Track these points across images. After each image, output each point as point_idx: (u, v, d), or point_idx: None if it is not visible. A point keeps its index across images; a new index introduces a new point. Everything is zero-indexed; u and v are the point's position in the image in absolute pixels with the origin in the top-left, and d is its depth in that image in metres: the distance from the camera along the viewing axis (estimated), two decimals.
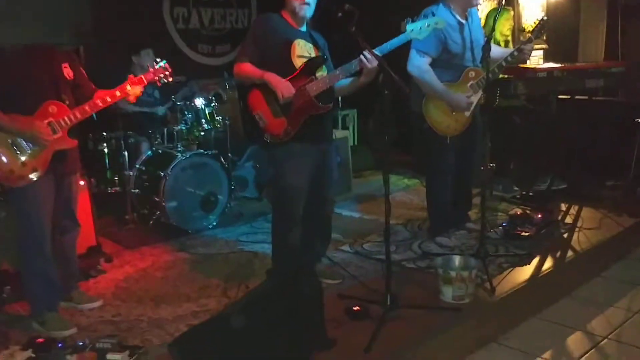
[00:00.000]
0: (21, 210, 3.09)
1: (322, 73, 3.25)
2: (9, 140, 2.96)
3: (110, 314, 3.34)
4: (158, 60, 3.42)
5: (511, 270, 3.71)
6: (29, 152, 3.00)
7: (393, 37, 3.15)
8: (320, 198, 3.44)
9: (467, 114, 4.00)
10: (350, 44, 3.02)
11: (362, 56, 3.02)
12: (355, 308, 3.14)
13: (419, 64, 3.87)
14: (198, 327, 2.74)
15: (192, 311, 3.33)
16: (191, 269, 3.98)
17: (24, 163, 2.98)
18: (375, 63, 3.01)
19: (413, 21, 3.17)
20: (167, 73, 3.41)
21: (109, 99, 3.18)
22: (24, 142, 2.99)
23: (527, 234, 4.17)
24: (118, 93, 3.23)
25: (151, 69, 3.37)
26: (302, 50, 3.24)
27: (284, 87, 3.08)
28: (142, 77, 3.31)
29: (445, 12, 3.91)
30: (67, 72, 3.16)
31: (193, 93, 5.52)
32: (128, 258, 4.22)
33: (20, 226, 3.11)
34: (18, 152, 2.97)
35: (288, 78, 3.13)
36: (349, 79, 3.29)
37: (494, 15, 4.62)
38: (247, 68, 3.15)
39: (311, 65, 3.20)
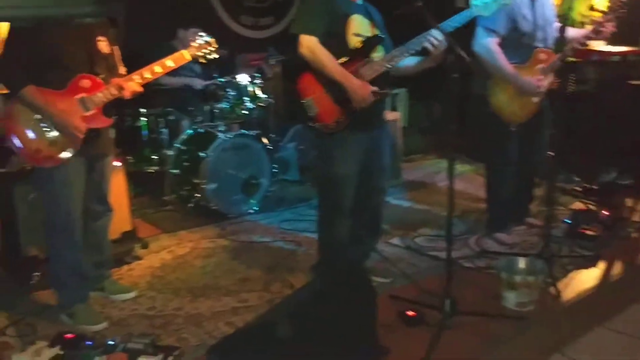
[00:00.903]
0: (49, 193, 2.86)
1: (378, 54, 2.93)
2: (37, 116, 2.72)
3: (145, 306, 3.13)
4: (202, 34, 3.14)
5: (577, 274, 3.41)
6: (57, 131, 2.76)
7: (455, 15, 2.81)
8: (370, 187, 3.14)
9: (535, 100, 3.64)
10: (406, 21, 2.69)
11: (431, 37, 2.68)
12: (409, 313, 2.88)
13: (486, 43, 3.51)
14: (239, 333, 2.50)
15: (231, 307, 3.09)
16: (231, 258, 3.75)
17: (52, 141, 2.75)
18: (444, 45, 2.69)
19: None
20: (211, 49, 3.14)
21: (146, 74, 2.92)
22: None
23: (593, 232, 3.83)
24: (158, 68, 2.96)
25: (194, 44, 3.10)
26: (359, 27, 2.90)
27: (363, 99, 2.78)
28: (184, 52, 3.04)
29: None
30: (103, 45, 2.90)
31: (235, 68, 5.25)
32: (165, 243, 4.01)
33: (47, 210, 2.89)
34: (47, 129, 2.74)
35: (341, 61, 2.81)
36: (415, 59, 2.95)
37: None
38: (325, 58, 2.78)
39: (367, 46, 2.88)
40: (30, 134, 2.74)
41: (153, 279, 3.47)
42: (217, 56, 3.18)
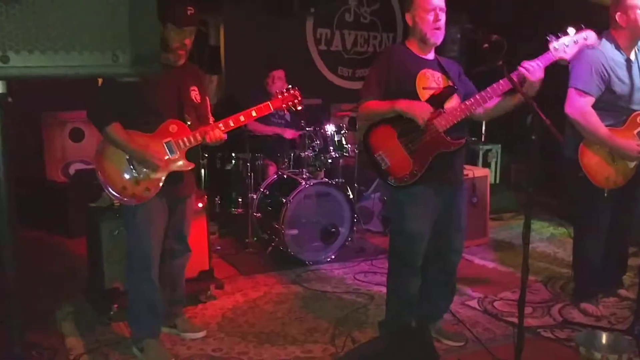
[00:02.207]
0: (131, 230, 3.01)
1: (452, 104, 2.89)
2: (127, 157, 2.90)
3: (212, 347, 3.18)
4: (289, 86, 3.25)
5: None
6: (144, 170, 2.91)
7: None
8: (444, 247, 3.06)
9: (632, 165, 3.42)
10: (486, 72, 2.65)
11: (524, 67, 2.66)
12: None
13: (580, 105, 3.36)
14: None
15: (294, 357, 3.07)
16: (302, 306, 3.74)
17: (137, 181, 2.90)
18: (541, 72, 2.66)
19: (557, 37, 2.75)
20: (296, 101, 3.23)
21: (231, 123, 3.05)
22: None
23: None
24: (242, 118, 3.08)
25: (279, 96, 3.20)
26: (429, 80, 2.90)
27: (421, 110, 2.75)
28: (270, 103, 3.14)
29: (608, 47, 3.38)
30: (195, 95, 3.07)
31: (324, 119, 5.35)
32: (241, 285, 4.08)
33: (129, 246, 3.03)
34: (134, 170, 2.90)
35: None
36: (494, 101, 2.88)
37: None
38: (374, 104, 2.86)
39: (439, 98, 2.85)
40: (119, 173, 2.90)
41: (224, 320, 3.52)
42: (300, 108, 3.26)
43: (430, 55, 2.99)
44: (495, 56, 2.61)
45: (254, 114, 3.09)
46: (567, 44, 2.75)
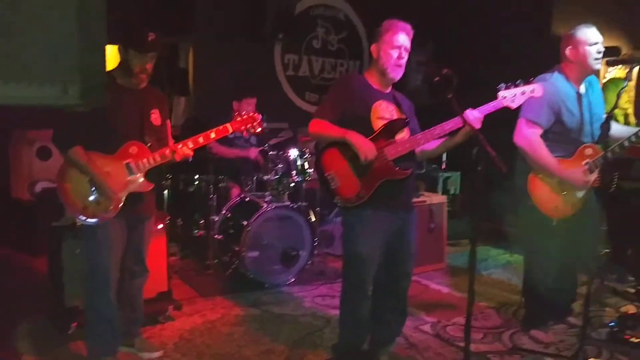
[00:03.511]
0: (90, 249, 3.04)
1: (403, 136, 3.01)
2: (88, 178, 2.94)
3: None
4: (248, 112, 3.33)
5: None
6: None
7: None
8: (394, 271, 3.15)
9: (580, 195, 3.55)
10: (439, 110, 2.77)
11: (464, 115, 2.77)
12: None
13: (528, 135, 3.49)
14: None
15: None
16: (259, 328, 3.78)
17: (98, 202, 2.95)
18: (479, 123, 2.77)
19: (507, 88, 2.89)
20: (255, 123, 3.30)
21: (190, 144, 3.11)
22: None
23: (637, 340, 3.61)
24: (201, 140, 3.15)
25: (238, 118, 3.28)
26: (384, 111, 3.02)
27: (367, 148, 2.85)
28: (228, 125, 3.21)
29: (559, 80, 3.54)
30: (155, 118, 3.13)
31: (287, 143, 5.43)
32: (199, 307, 4.10)
33: (88, 265, 3.06)
34: (95, 191, 2.94)
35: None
36: (438, 141, 3.03)
37: (614, 88, 4.15)
38: (327, 126, 2.96)
39: (391, 128, 2.97)
40: (80, 194, 2.94)
41: (181, 341, 3.54)
42: (259, 130, 3.33)
43: (387, 89, 3.11)
44: (446, 89, 2.73)
45: (212, 135, 3.16)
46: (515, 94, 2.89)
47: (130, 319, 3.33)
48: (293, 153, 4.91)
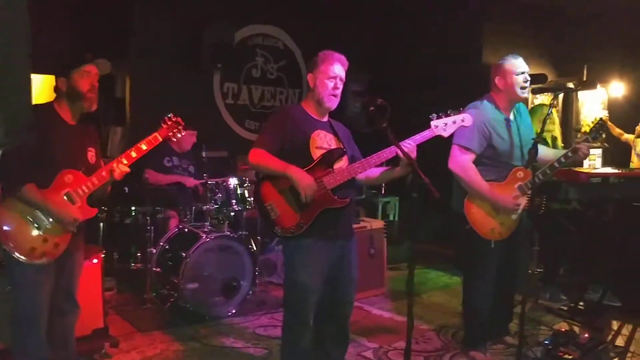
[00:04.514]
0: (20, 287, 2.91)
1: (341, 165, 3.06)
2: (28, 216, 2.83)
3: None
4: (170, 115, 3.28)
5: None
6: (49, 226, 2.86)
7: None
8: (336, 298, 3.15)
9: (514, 217, 3.67)
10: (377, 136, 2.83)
11: (401, 148, 2.81)
12: None
13: (461, 161, 3.60)
14: None
15: None
16: None
17: (44, 238, 2.85)
18: (413, 153, 2.85)
19: (439, 117, 2.98)
20: (180, 127, 3.27)
21: (124, 160, 3.04)
22: (43, 217, 2.85)
23: (570, 357, 3.72)
24: (134, 154, 3.07)
25: (164, 125, 3.23)
26: (322, 141, 3.07)
27: (307, 186, 2.87)
28: (156, 134, 3.16)
29: (489, 107, 3.68)
30: (92, 156, 3.07)
31: (227, 171, 5.41)
32: (137, 343, 3.98)
33: (16, 302, 2.92)
34: (37, 227, 2.84)
35: (304, 169, 2.93)
36: (379, 170, 3.09)
37: (539, 114, 4.34)
38: (268, 158, 2.96)
39: (329, 157, 3.01)
40: (22, 234, 2.81)
41: None
42: (183, 134, 3.31)
43: (324, 118, 3.16)
44: (381, 119, 2.80)
45: (144, 147, 3.09)
46: (446, 123, 2.98)
47: (61, 357, 3.18)
48: (233, 182, 4.88)
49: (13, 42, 1.13)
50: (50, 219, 2.85)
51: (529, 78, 3.68)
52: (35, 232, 2.83)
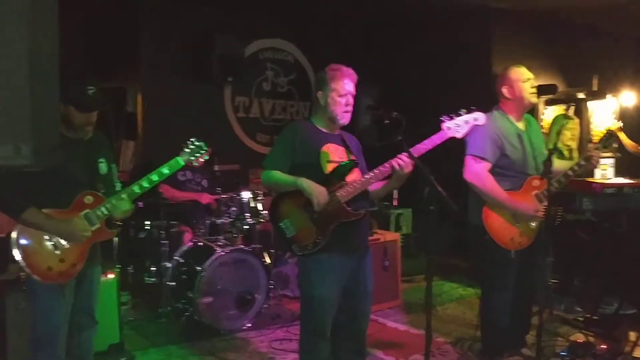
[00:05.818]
0: (38, 304, 2.91)
1: (354, 177, 3.05)
2: (45, 236, 2.84)
3: None
4: (192, 139, 3.23)
5: None
6: (67, 246, 2.86)
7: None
8: (352, 312, 3.15)
9: (533, 225, 3.64)
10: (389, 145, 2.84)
11: (396, 160, 2.83)
12: None
13: (477, 170, 3.58)
14: None
15: None
16: None
17: (61, 259, 2.85)
18: (408, 169, 2.84)
19: (450, 118, 2.98)
20: (202, 152, 3.21)
21: (146, 184, 3.05)
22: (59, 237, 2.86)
23: None
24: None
25: (186, 150, 3.17)
26: (333, 154, 3.07)
27: (319, 194, 2.88)
28: (177, 158, 3.13)
29: (499, 118, 3.68)
30: (102, 166, 3.08)
31: (240, 185, 5.42)
32: (153, 357, 3.99)
33: (35, 321, 2.92)
34: (55, 248, 2.84)
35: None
36: (380, 183, 3.08)
37: (558, 126, 4.33)
38: (278, 176, 2.98)
39: (341, 170, 3.01)
40: (39, 255, 2.81)
41: None
42: (207, 157, 3.28)
43: (336, 131, 3.17)
44: (396, 132, 2.80)
45: (165, 171, 3.07)
46: (459, 124, 2.98)
47: None
48: (246, 195, 4.90)
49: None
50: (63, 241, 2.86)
51: (535, 84, 3.69)
52: (51, 253, 2.83)
